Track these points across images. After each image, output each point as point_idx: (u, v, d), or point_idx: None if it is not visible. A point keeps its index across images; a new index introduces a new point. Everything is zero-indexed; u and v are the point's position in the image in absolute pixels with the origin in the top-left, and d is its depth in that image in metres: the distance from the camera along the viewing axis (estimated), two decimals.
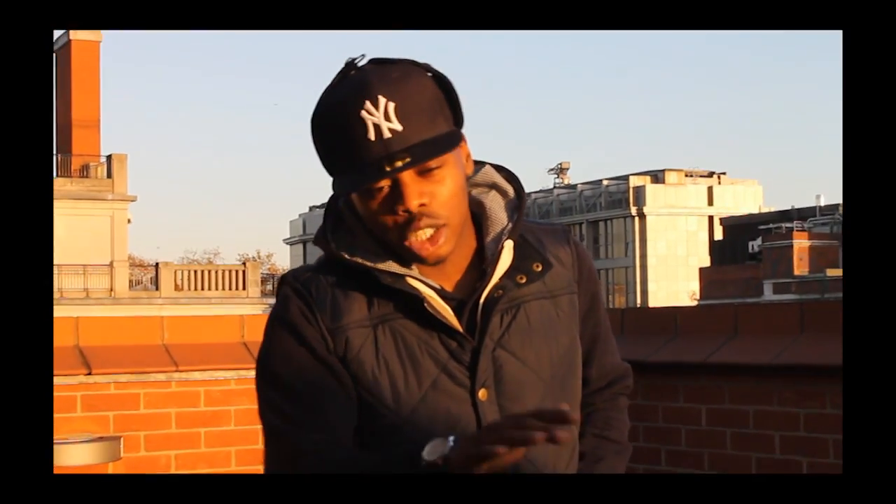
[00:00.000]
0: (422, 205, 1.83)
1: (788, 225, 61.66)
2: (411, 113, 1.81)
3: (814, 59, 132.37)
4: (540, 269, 1.98)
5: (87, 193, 39.88)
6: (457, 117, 1.90)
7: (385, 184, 1.83)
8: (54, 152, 42.81)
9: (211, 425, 5.03)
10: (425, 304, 1.88)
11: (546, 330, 1.97)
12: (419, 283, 1.90)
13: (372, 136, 1.79)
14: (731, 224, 67.67)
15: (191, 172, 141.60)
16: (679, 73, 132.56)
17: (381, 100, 1.79)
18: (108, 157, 40.82)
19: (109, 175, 40.43)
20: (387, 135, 1.79)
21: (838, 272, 53.26)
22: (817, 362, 4.16)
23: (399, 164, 1.80)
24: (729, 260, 62.47)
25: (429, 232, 1.86)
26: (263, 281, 45.06)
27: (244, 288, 40.86)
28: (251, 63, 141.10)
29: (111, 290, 38.69)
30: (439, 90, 1.87)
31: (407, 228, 1.85)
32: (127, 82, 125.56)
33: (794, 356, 4.25)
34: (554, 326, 1.98)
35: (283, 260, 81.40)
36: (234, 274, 41.53)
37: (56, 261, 38.33)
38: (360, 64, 1.86)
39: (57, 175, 41.15)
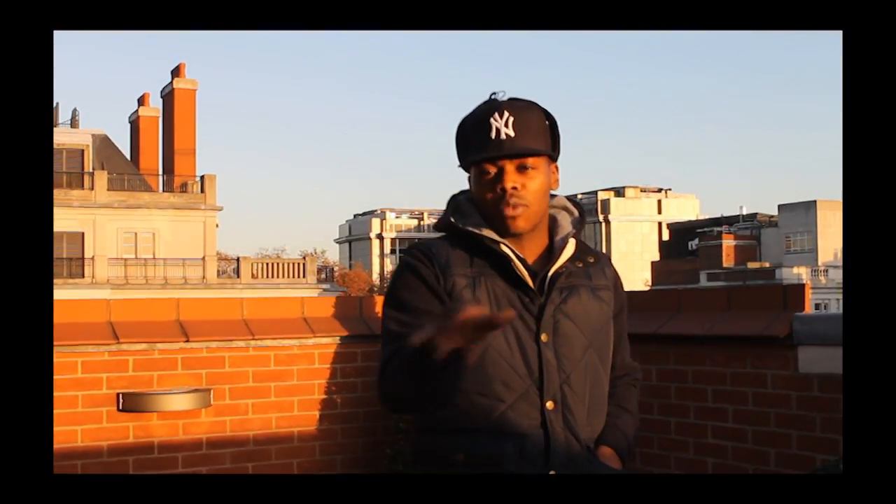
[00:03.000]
0: (514, 188, 2.03)
1: (719, 229, 61.46)
2: (523, 129, 2.03)
3: (740, 93, 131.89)
4: (593, 261, 2.16)
5: (185, 205, 39.90)
6: (555, 147, 2.10)
7: (493, 169, 2.04)
8: (160, 173, 42.89)
9: (279, 380, 5.03)
10: (512, 265, 2.04)
11: (589, 308, 2.10)
12: (510, 250, 2.05)
13: (493, 135, 2.03)
14: (675, 228, 67.53)
15: (264, 188, 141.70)
16: (636, 110, 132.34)
17: (505, 114, 2.03)
18: (202, 177, 40.79)
19: (202, 191, 40.40)
20: (503, 136, 2.02)
21: (756, 265, 53.00)
22: (740, 333, 4.14)
23: (505, 156, 2.03)
24: (674, 255, 62.34)
25: (517, 209, 2.03)
26: (319, 271, 44.99)
27: (304, 276, 40.80)
28: (315, 100, 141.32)
29: (203, 277, 38.68)
30: (548, 125, 2.08)
31: (501, 202, 2.03)
32: (218, 119, 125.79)
33: (723, 328, 4.23)
34: (595, 308, 2.12)
35: (334, 255, 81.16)
36: (296, 266, 41.44)
37: (163, 255, 38.45)
38: (500, 97, 2.08)
39: (163, 191, 41.22)
